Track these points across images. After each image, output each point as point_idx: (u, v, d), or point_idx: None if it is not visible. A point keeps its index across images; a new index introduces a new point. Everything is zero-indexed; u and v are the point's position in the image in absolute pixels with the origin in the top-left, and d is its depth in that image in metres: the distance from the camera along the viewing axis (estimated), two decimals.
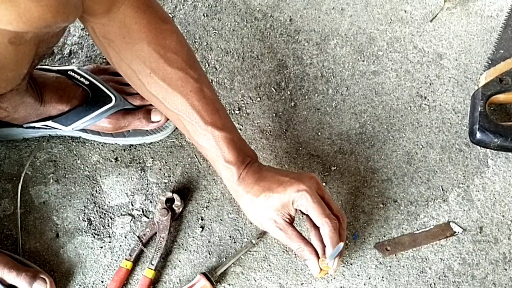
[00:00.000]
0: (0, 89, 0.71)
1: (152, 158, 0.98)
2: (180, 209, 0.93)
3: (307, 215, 0.82)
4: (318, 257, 0.81)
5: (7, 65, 0.64)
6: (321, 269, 0.81)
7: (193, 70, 0.80)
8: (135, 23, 0.76)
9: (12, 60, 0.63)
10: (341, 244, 0.78)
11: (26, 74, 0.72)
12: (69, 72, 0.96)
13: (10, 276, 0.85)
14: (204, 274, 0.88)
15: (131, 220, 0.94)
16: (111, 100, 0.94)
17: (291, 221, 0.81)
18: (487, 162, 0.97)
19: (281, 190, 0.78)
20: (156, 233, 0.92)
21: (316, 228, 0.81)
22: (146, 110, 0.98)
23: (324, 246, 0.80)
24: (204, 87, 0.80)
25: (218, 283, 0.89)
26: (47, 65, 1.02)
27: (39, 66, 0.98)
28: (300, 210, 0.81)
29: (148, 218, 0.94)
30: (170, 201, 0.93)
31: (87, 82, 0.95)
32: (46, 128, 0.96)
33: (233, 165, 0.80)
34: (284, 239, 0.80)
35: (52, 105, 0.93)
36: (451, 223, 0.92)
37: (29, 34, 0.60)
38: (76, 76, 0.95)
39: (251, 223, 0.93)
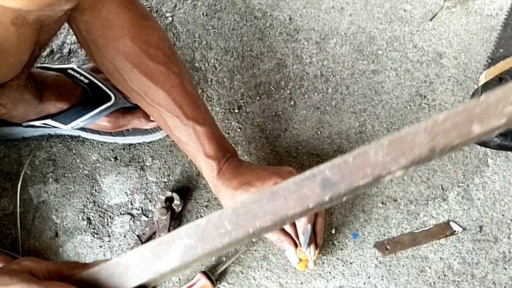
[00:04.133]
0: (0, 76, 0.71)
1: (151, 157, 0.98)
2: (180, 208, 0.93)
3: None
4: (296, 248, 0.83)
5: (8, 48, 0.64)
6: (300, 260, 0.83)
7: (175, 65, 0.80)
8: (119, 19, 0.77)
9: (13, 43, 0.64)
10: (309, 227, 0.79)
11: (26, 64, 0.72)
12: (68, 71, 0.96)
13: None
14: (204, 272, 0.88)
15: (131, 219, 0.94)
16: (110, 99, 0.94)
17: None
18: (487, 161, 0.97)
19: (259, 184, 0.79)
20: (155, 232, 0.92)
21: (292, 225, 0.83)
22: None
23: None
24: (186, 83, 0.81)
25: (218, 282, 0.89)
26: (47, 63, 1.02)
27: (38, 65, 0.98)
28: None
29: (147, 217, 0.94)
30: (169, 200, 0.93)
31: (86, 81, 0.95)
32: (45, 127, 0.96)
33: (213, 160, 0.81)
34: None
35: (52, 103, 0.93)
36: (451, 222, 0.92)
37: (31, 15, 0.61)
38: (75, 74, 0.95)
39: None
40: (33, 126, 0.95)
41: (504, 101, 0.50)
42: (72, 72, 0.96)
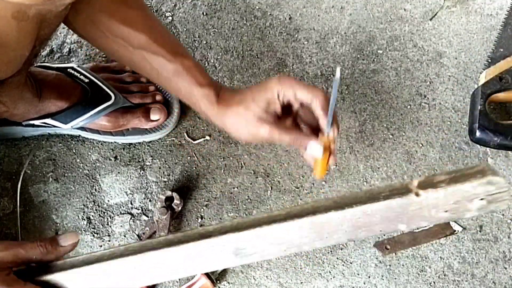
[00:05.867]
0: (0, 72, 0.71)
1: (151, 156, 0.98)
2: (180, 208, 0.93)
3: (291, 119, 0.78)
4: (317, 138, 0.75)
5: (9, 42, 0.64)
6: (324, 149, 0.74)
7: (148, 9, 0.80)
8: None
9: (14, 38, 0.63)
10: (336, 79, 0.69)
11: (26, 60, 0.72)
12: (68, 70, 0.96)
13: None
14: (205, 272, 0.88)
15: (131, 218, 0.94)
16: (110, 98, 0.94)
17: (279, 117, 0.77)
18: (487, 160, 0.97)
19: (262, 89, 0.76)
20: (155, 231, 0.92)
21: (304, 126, 0.79)
22: (145, 108, 0.98)
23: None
24: (162, 24, 0.80)
25: (218, 282, 0.89)
26: (47, 63, 1.02)
27: (38, 64, 0.98)
28: (284, 109, 0.78)
29: (147, 216, 0.94)
30: (169, 199, 0.93)
31: (86, 80, 0.95)
32: (45, 126, 0.96)
33: (209, 87, 0.78)
34: (278, 136, 0.76)
35: (51, 102, 0.93)
36: (451, 222, 0.92)
37: (32, 10, 0.61)
38: (75, 73, 0.95)
39: None
40: (33, 126, 0.95)
41: (440, 207, 0.50)
42: (72, 71, 0.96)
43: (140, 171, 0.97)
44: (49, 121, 0.94)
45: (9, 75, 0.74)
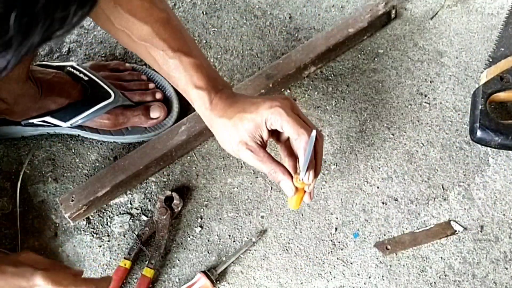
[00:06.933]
0: None
1: None
2: (179, 208, 0.92)
3: (282, 143, 0.80)
4: (292, 178, 0.77)
5: None
6: (296, 189, 0.76)
7: (158, 1, 0.79)
8: None
9: None
10: (310, 145, 0.73)
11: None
12: (68, 68, 0.96)
13: None
14: (204, 272, 0.88)
15: (130, 219, 0.94)
16: (110, 96, 0.94)
17: (263, 145, 0.78)
18: (488, 160, 0.97)
19: (253, 110, 0.76)
20: (155, 232, 0.91)
21: (290, 157, 0.80)
22: (145, 106, 0.97)
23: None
24: (170, 17, 0.79)
25: (218, 282, 0.89)
26: (46, 61, 1.02)
27: (38, 63, 0.98)
28: (275, 138, 0.79)
29: (147, 217, 0.94)
30: (169, 199, 0.93)
31: (86, 78, 0.95)
32: (44, 126, 0.95)
33: (204, 90, 0.78)
34: (256, 163, 0.77)
35: (51, 99, 0.93)
36: (451, 222, 0.92)
37: None
38: (75, 72, 0.95)
39: (250, 222, 0.93)
40: (33, 125, 0.95)
41: None
42: (72, 70, 0.96)
43: None
44: (48, 119, 0.93)
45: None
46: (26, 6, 0.33)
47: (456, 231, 0.91)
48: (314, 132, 0.74)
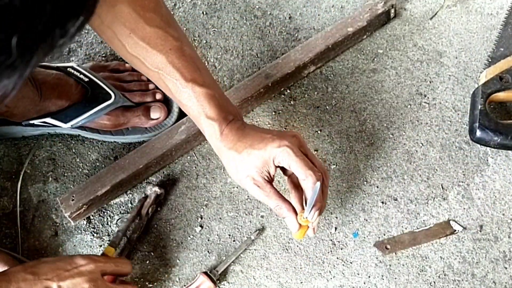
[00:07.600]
0: None
1: None
2: (162, 196, 0.93)
3: (289, 176, 0.82)
4: (297, 215, 0.79)
5: None
6: (300, 226, 0.79)
7: (173, 29, 0.80)
8: None
9: None
10: (317, 185, 0.76)
11: None
12: (68, 69, 0.96)
13: None
14: (205, 273, 0.88)
15: None
16: (110, 97, 0.94)
17: (270, 180, 0.80)
18: (487, 160, 0.97)
19: (262, 147, 0.78)
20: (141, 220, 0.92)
21: (297, 189, 0.82)
22: (145, 107, 0.98)
23: (303, 209, 0.80)
24: (184, 45, 0.80)
25: (218, 282, 0.89)
26: (46, 62, 1.02)
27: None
28: (282, 170, 0.82)
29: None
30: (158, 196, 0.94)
31: (86, 79, 0.95)
32: (45, 126, 0.96)
33: (215, 121, 0.79)
34: (262, 197, 0.79)
35: (52, 101, 0.93)
36: (451, 222, 0.92)
37: None
38: (75, 73, 0.95)
39: (250, 221, 0.93)
40: (33, 125, 0.95)
41: None
42: (72, 71, 0.96)
43: None
44: (49, 120, 0.94)
45: None
46: (27, 29, 0.33)
47: (455, 230, 0.92)
48: (318, 184, 0.76)
